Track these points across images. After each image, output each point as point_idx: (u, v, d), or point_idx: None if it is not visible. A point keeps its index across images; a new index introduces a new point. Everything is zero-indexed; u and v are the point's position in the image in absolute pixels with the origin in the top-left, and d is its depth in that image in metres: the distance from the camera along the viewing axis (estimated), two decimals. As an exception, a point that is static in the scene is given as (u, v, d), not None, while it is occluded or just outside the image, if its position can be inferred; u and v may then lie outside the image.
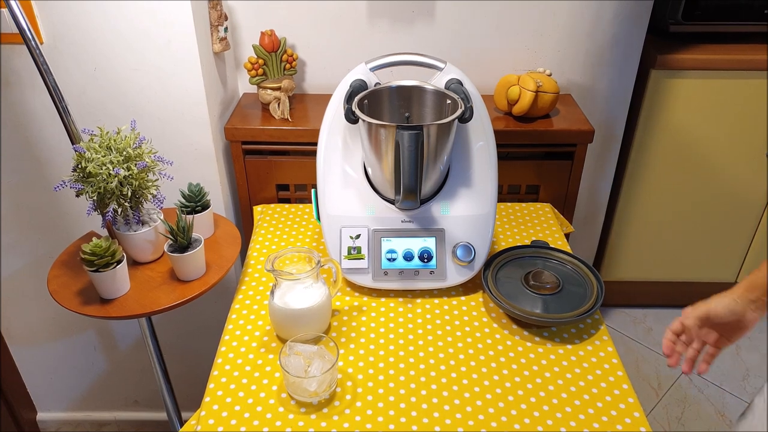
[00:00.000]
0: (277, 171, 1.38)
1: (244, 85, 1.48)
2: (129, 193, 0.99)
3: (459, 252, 1.02)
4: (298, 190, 1.41)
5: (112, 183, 0.96)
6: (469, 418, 0.83)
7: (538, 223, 1.26)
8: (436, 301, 1.04)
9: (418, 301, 1.04)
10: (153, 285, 1.05)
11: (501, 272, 1.05)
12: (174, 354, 1.51)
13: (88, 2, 1.12)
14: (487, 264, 1.05)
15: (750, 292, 0.83)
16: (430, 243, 1.03)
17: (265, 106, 1.39)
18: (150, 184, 1.03)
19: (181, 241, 1.02)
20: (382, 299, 1.05)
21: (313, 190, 1.10)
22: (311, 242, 1.20)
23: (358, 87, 1.01)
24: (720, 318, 0.85)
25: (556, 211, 1.32)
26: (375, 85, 1.05)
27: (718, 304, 0.84)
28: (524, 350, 0.94)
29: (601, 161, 1.69)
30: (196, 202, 1.13)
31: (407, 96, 1.06)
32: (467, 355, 0.93)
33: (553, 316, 0.95)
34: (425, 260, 1.03)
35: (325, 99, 1.10)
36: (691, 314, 0.87)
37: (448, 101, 1.02)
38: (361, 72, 1.04)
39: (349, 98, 0.99)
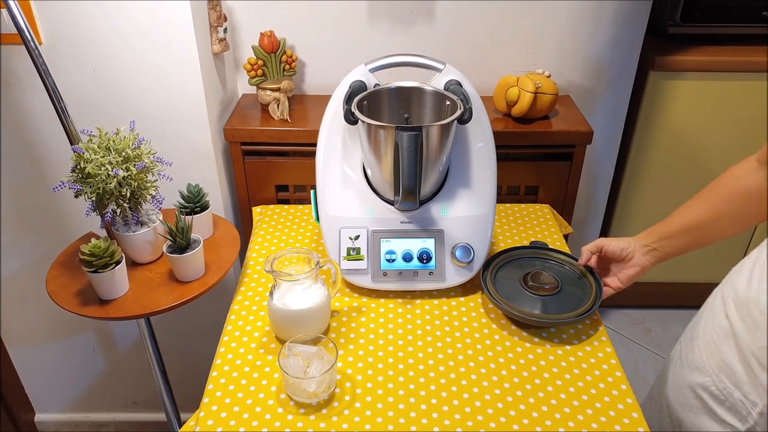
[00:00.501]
0: (277, 172, 1.38)
1: (243, 85, 1.48)
2: (128, 194, 0.99)
3: (458, 253, 1.02)
4: (298, 191, 1.41)
5: (111, 184, 0.96)
6: (468, 418, 0.83)
7: (537, 224, 1.26)
8: (435, 301, 1.04)
9: (417, 301, 1.04)
10: (152, 286, 1.05)
11: (500, 273, 1.05)
12: (173, 355, 1.51)
13: (87, 2, 1.12)
14: (486, 265, 1.05)
15: (645, 238, 0.94)
16: (429, 244, 1.03)
17: (265, 107, 1.39)
18: (149, 184, 1.03)
19: (180, 242, 1.02)
20: (381, 300, 1.05)
21: (312, 191, 1.10)
22: (310, 243, 1.20)
23: (357, 88, 1.02)
24: (611, 252, 0.96)
25: (555, 212, 1.32)
26: (374, 86, 1.05)
27: (613, 241, 0.96)
28: (523, 351, 0.94)
29: (599, 162, 1.69)
30: (195, 202, 1.13)
31: (406, 97, 1.06)
32: (466, 355, 0.93)
33: (552, 316, 0.95)
34: (424, 261, 1.03)
35: (324, 100, 1.10)
36: (588, 245, 0.99)
37: (448, 102, 1.02)
38: (360, 73, 1.05)
39: (348, 99, 0.99)
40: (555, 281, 1.01)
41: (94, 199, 0.98)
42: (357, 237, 1.03)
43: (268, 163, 1.37)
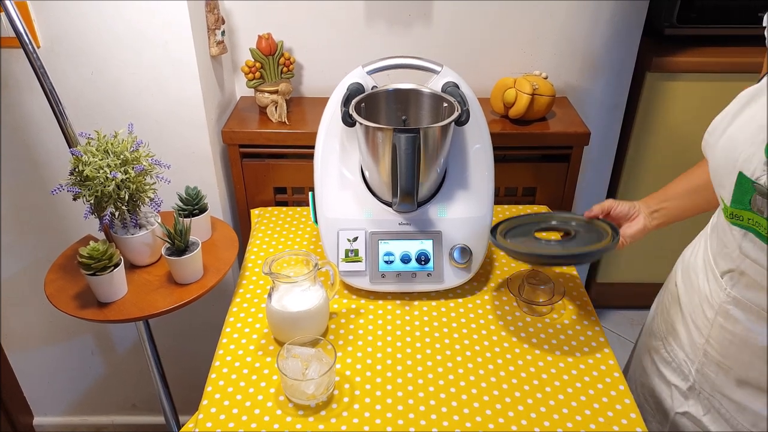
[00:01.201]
0: (275, 174, 1.38)
1: (241, 88, 1.49)
2: (126, 197, 0.99)
3: (456, 254, 1.02)
4: (296, 193, 1.41)
5: (109, 186, 0.96)
6: (466, 419, 0.83)
7: (535, 226, 1.26)
8: (434, 303, 1.04)
9: (416, 303, 1.04)
10: (150, 288, 1.05)
11: (508, 235, 0.99)
12: (171, 357, 1.51)
13: (85, 4, 1.12)
14: (493, 229, 1.00)
15: (649, 200, 0.97)
16: (427, 245, 1.04)
17: (263, 110, 1.39)
18: (147, 187, 1.03)
19: (179, 245, 1.02)
20: (380, 302, 1.05)
21: (310, 193, 1.10)
22: (309, 245, 1.20)
23: (355, 90, 1.02)
24: (620, 211, 0.97)
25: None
26: (372, 89, 1.05)
27: (621, 202, 0.98)
28: (522, 352, 0.94)
29: (597, 163, 1.69)
30: (193, 205, 1.13)
31: (404, 99, 1.06)
32: (465, 357, 0.93)
33: (573, 249, 0.91)
34: (422, 262, 1.03)
35: (322, 102, 1.10)
36: (599, 204, 0.99)
37: (445, 104, 1.02)
38: (358, 75, 1.05)
39: (346, 101, 0.99)
40: (568, 230, 0.97)
41: (92, 201, 0.98)
42: (355, 239, 1.04)
43: (267, 165, 1.37)
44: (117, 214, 1.03)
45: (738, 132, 0.71)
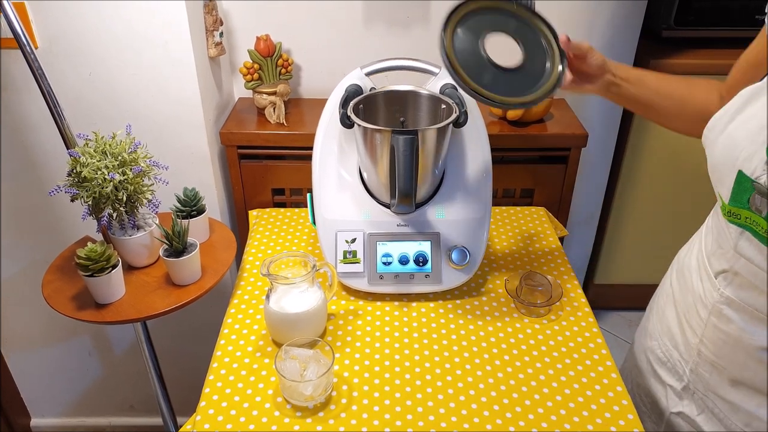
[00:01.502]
0: (273, 175, 1.38)
1: (239, 89, 1.49)
2: (124, 198, 0.99)
3: (454, 256, 1.02)
4: (294, 195, 1.41)
5: (107, 188, 0.96)
6: (464, 420, 0.83)
7: (533, 227, 1.27)
8: (432, 304, 1.04)
9: (414, 304, 1.04)
10: (148, 290, 1.04)
11: (463, 27, 0.87)
12: (169, 358, 1.51)
13: (83, 4, 1.12)
14: (451, 13, 0.86)
15: (617, 71, 0.90)
16: (425, 247, 1.04)
17: (261, 111, 1.39)
18: (145, 188, 1.03)
19: (177, 246, 1.02)
20: (378, 303, 1.05)
21: (308, 195, 1.10)
22: (307, 246, 1.20)
23: (353, 92, 1.02)
24: (590, 62, 0.89)
25: (550, 214, 1.33)
26: (370, 90, 1.05)
27: (599, 57, 0.90)
28: (519, 353, 0.94)
29: (595, 165, 1.70)
30: (191, 206, 1.13)
31: (402, 101, 1.07)
32: (463, 358, 0.93)
33: (506, 99, 0.85)
34: (420, 264, 1.03)
35: (320, 103, 1.10)
36: (578, 42, 0.89)
37: (443, 106, 1.02)
38: (356, 77, 1.05)
39: (344, 103, 0.99)
40: (519, 46, 0.90)
41: (90, 203, 0.98)
42: (353, 240, 1.04)
43: (265, 166, 1.37)
44: (115, 215, 1.03)
45: (738, 130, 0.71)
